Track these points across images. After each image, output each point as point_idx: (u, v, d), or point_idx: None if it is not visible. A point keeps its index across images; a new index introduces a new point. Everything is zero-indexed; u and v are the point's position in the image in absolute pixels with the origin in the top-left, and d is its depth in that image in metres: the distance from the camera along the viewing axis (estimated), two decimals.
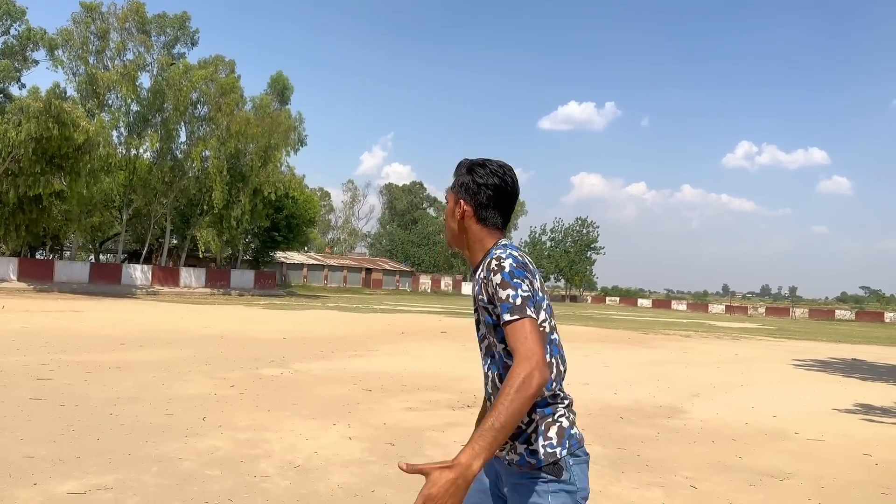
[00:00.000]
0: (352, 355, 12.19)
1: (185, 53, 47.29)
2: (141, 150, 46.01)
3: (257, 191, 47.92)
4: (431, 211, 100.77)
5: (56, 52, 39.33)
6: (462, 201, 1.92)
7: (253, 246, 56.74)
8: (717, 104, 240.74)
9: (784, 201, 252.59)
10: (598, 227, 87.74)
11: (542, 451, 1.77)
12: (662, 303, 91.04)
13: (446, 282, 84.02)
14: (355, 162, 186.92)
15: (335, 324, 21.88)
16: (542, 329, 1.73)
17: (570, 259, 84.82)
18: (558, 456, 1.77)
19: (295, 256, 69.86)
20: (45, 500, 3.79)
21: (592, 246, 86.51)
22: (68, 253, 49.24)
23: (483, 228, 1.91)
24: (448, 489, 1.44)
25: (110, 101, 43.88)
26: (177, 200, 47.44)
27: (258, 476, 4.52)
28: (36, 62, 39.54)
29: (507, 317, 1.66)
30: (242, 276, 51.60)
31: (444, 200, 2.09)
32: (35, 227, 40.71)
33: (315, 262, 71.09)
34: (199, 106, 47.23)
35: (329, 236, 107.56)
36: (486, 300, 1.80)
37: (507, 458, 1.84)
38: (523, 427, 1.79)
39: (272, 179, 47.74)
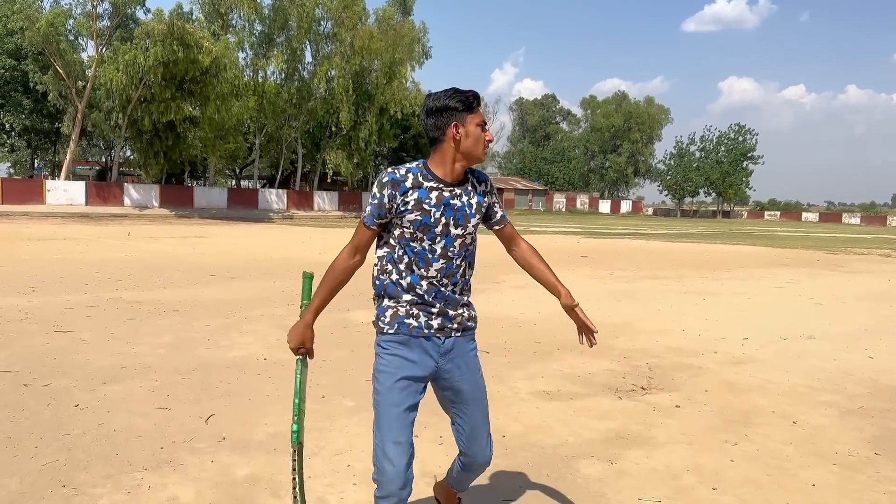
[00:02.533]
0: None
1: None
2: (268, 72, 45.23)
3: (383, 110, 45.99)
4: (565, 125, 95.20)
5: None
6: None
7: (383, 167, 55.48)
8: None
9: None
10: (756, 133, 78.50)
11: (477, 315, 2.42)
12: (831, 216, 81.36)
13: (582, 200, 79.47)
14: (485, 80, 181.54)
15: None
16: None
17: (722, 170, 76.97)
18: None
19: None
20: None
21: (749, 155, 77.77)
22: (210, 180, 50.28)
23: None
24: None
25: (234, 22, 42.97)
26: (306, 123, 46.50)
27: None
28: None
29: (507, 216, 2.44)
30: None
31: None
32: (172, 153, 41.27)
33: None
34: (322, 23, 45.38)
35: None
36: (485, 208, 2.32)
37: (468, 325, 2.33)
38: (471, 303, 2.38)
39: (398, 97, 45.44)
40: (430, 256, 2.18)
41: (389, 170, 2.20)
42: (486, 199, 2.29)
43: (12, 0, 36.59)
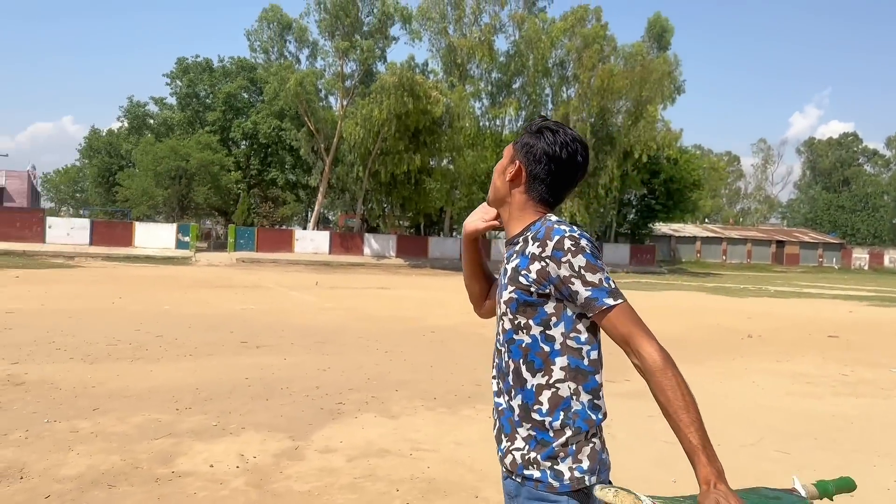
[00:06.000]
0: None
1: (544, 7, 43.51)
2: (505, 121, 43.94)
3: (627, 154, 41.72)
4: (869, 168, 79.66)
5: (411, 25, 39.05)
6: (519, 162, 1.67)
7: (629, 217, 50.51)
8: None
9: None
10: None
11: (567, 473, 1.48)
12: None
13: (892, 256, 64.77)
14: (781, 125, 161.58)
15: (677, 312, 14.74)
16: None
17: None
18: (586, 483, 1.48)
19: (687, 228, 61.25)
20: None
21: None
22: (455, 230, 50.29)
23: (529, 200, 1.67)
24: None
25: (472, 72, 42.48)
26: None
27: None
28: (395, 39, 39.95)
29: (609, 301, 1.49)
30: (616, 251, 46.04)
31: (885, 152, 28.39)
32: (409, 205, 41.70)
33: (710, 235, 61.19)
34: (561, 66, 42.99)
35: (739, 206, 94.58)
36: (532, 279, 1.53)
37: (523, 472, 1.52)
38: (551, 440, 1.50)
39: (644, 138, 40.82)
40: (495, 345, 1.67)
41: None
42: (533, 267, 1.53)
43: (272, 64, 40.25)
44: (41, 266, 25.52)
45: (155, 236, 37.48)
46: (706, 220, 77.95)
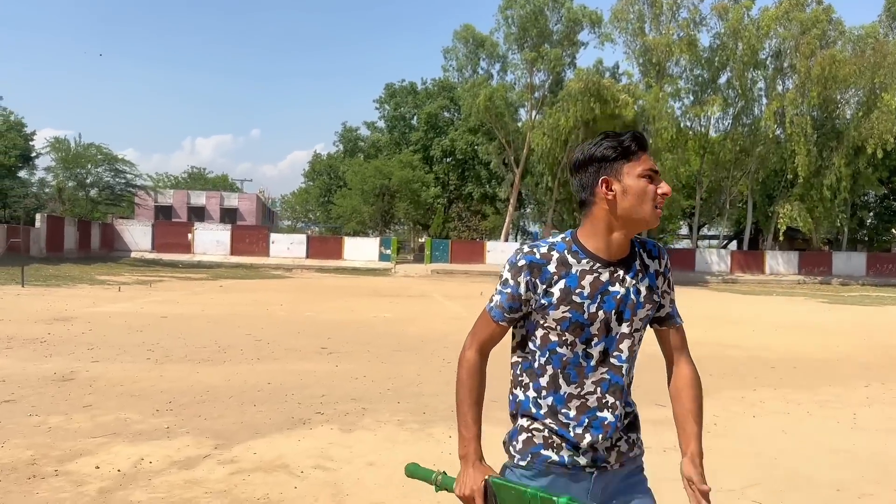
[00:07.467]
0: None
1: None
2: (710, 120, 40.53)
3: (859, 149, 36.25)
4: None
5: (601, 28, 37.70)
6: None
7: (868, 222, 43.73)
8: None
9: None
10: None
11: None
12: None
13: None
14: None
15: (867, 329, 12.41)
16: None
17: None
18: None
19: None
20: None
21: None
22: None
23: None
24: None
25: (670, 70, 39.83)
26: (755, 172, 39.86)
27: None
28: (584, 44, 38.81)
29: (680, 317, 1.70)
30: (849, 260, 40.10)
31: None
32: None
33: None
34: (780, 54, 38.67)
35: None
36: (660, 294, 1.66)
37: (632, 454, 1.64)
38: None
39: (878, 131, 35.16)
40: (583, 365, 1.57)
41: (526, 248, 1.60)
42: (659, 282, 1.64)
43: (466, 81, 41.27)
44: (259, 276, 28.64)
45: (360, 249, 40.25)
46: None
